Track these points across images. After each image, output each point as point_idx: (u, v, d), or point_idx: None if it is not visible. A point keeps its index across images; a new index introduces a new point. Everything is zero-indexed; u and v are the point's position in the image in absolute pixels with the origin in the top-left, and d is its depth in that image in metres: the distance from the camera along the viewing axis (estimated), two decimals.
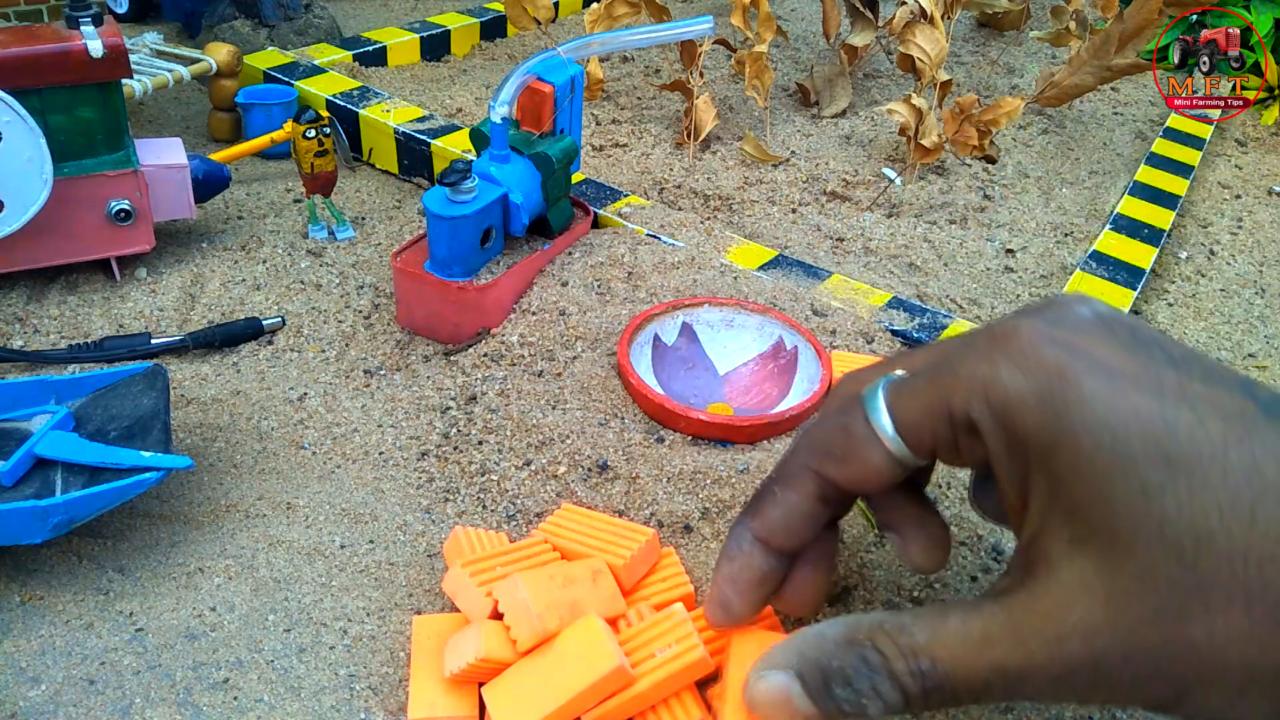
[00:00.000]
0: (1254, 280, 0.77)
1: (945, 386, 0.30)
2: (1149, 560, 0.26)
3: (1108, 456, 0.26)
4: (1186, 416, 0.26)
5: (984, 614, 0.28)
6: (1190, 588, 0.25)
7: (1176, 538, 0.25)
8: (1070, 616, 0.27)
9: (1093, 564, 0.26)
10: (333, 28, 1.05)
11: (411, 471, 0.50)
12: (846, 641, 0.30)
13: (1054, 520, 0.27)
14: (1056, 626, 0.27)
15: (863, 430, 0.32)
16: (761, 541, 0.34)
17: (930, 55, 0.85)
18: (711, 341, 0.58)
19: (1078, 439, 0.26)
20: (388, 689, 0.38)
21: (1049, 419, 0.27)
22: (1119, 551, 0.26)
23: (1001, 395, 0.28)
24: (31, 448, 0.43)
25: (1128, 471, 0.26)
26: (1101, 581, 0.26)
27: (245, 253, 0.67)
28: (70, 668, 0.38)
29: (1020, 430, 0.28)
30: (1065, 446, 0.27)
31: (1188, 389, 0.27)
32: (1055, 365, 0.27)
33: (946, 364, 0.30)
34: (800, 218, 0.79)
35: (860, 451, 0.32)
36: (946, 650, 0.28)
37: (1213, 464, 0.25)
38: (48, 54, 0.55)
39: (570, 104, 0.63)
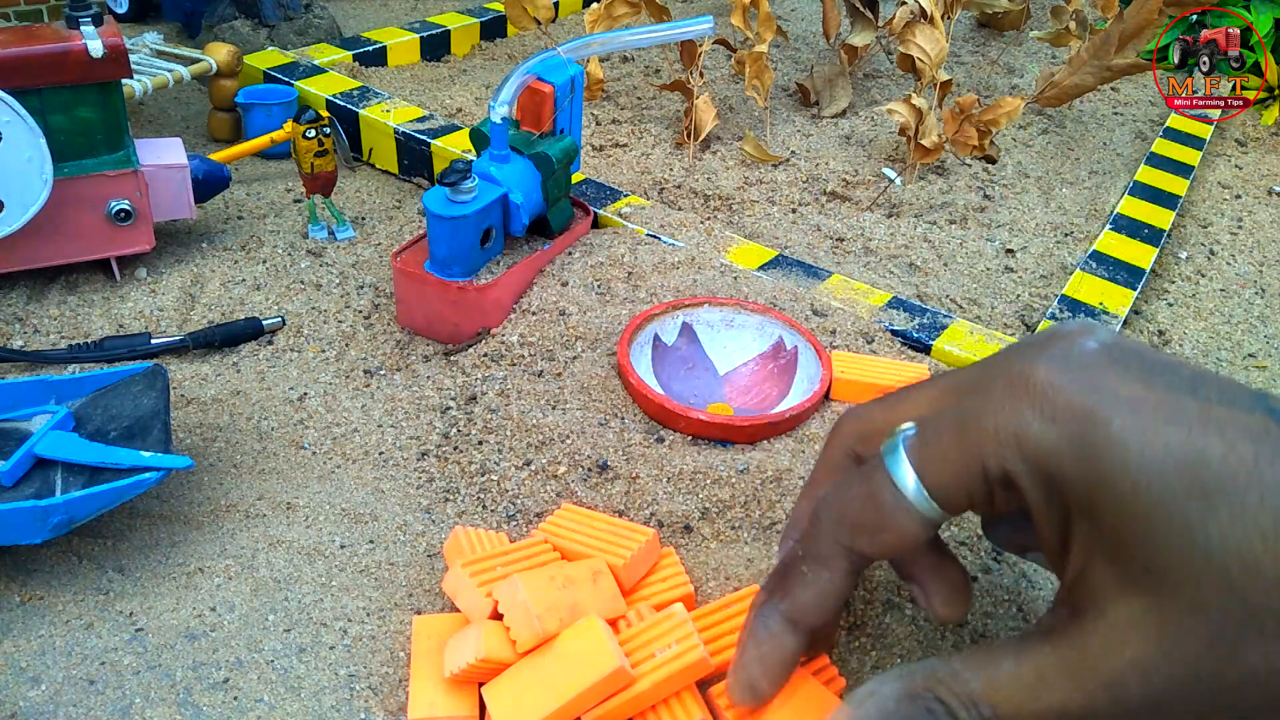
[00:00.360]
0: (1254, 280, 0.77)
1: (974, 445, 0.29)
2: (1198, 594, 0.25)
3: (1146, 496, 0.26)
4: (1216, 443, 0.26)
5: (1036, 656, 0.28)
6: (1242, 616, 0.25)
7: (1223, 568, 0.25)
8: (1125, 655, 0.27)
9: (1142, 602, 0.26)
10: (333, 28, 1.05)
11: (411, 471, 0.50)
12: (907, 697, 0.30)
13: (1099, 562, 0.27)
14: (1113, 666, 0.27)
15: (891, 499, 0.31)
16: (792, 623, 0.34)
17: (930, 55, 0.85)
18: (711, 341, 0.58)
19: (1116, 481, 0.26)
20: (388, 689, 0.38)
21: (1085, 466, 0.27)
22: (1167, 588, 0.26)
23: (1035, 448, 0.28)
24: (31, 448, 0.43)
25: (1168, 508, 0.26)
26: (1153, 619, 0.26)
27: (245, 253, 0.67)
28: (70, 668, 0.38)
29: (1059, 480, 0.27)
30: (1104, 491, 0.27)
31: (1210, 414, 0.26)
32: (1081, 409, 0.27)
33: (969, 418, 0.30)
34: (800, 218, 0.79)
35: (892, 522, 0.31)
36: (1003, 695, 0.28)
37: (1249, 488, 0.25)
38: (48, 54, 0.55)
39: (570, 104, 0.63)
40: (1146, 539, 0.26)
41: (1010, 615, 0.43)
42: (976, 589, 0.44)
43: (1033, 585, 0.44)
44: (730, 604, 0.39)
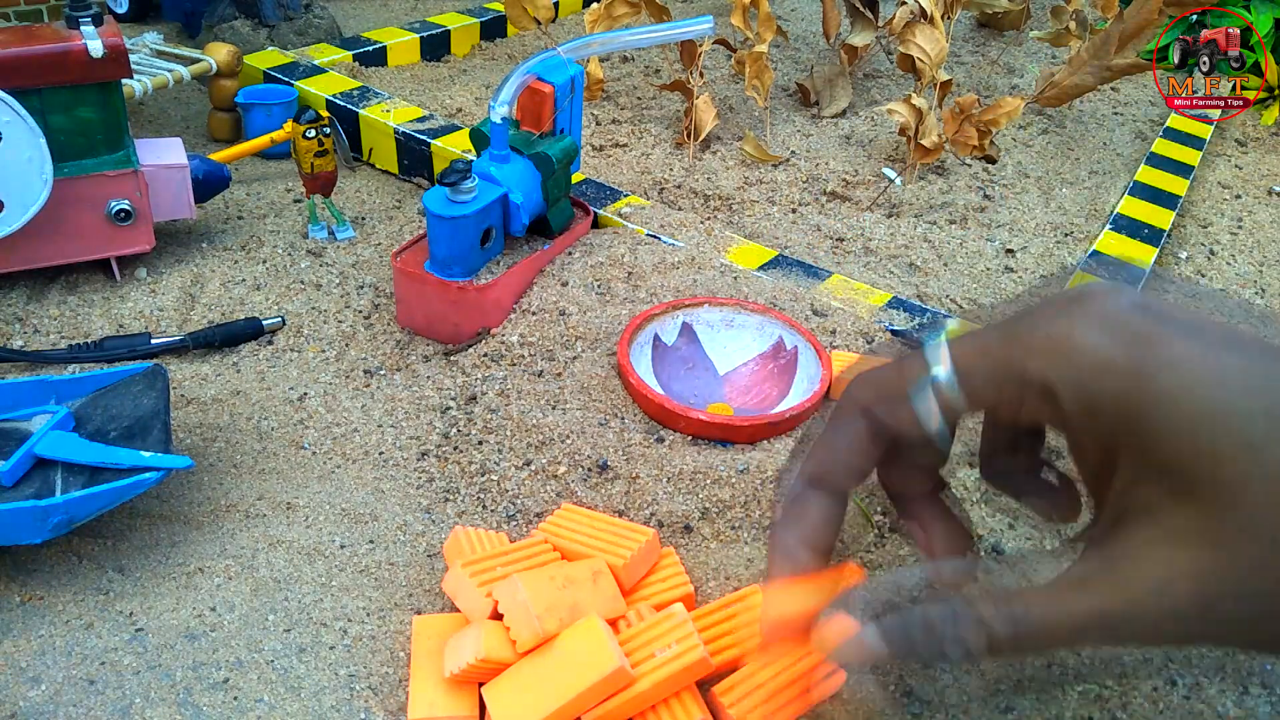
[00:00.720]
0: (1254, 280, 0.77)
1: (1021, 347, 0.29)
2: (1257, 508, 0.26)
3: (1207, 414, 0.26)
4: (1276, 370, 0.26)
5: (1080, 560, 0.29)
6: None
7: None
8: (1178, 561, 0.27)
9: (1198, 511, 0.26)
10: (333, 28, 1.05)
11: (411, 471, 0.50)
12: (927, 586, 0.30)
13: (1149, 474, 0.27)
14: (1164, 571, 0.27)
15: (919, 376, 0.31)
16: (819, 484, 0.34)
17: (930, 55, 0.85)
18: (711, 341, 0.58)
19: (1176, 400, 0.26)
20: (388, 689, 0.38)
21: (1141, 383, 0.27)
22: (1225, 501, 0.26)
23: (1089, 360, 0.27)
24: (31, 448, 0.43)
25: (1231, 427, 0.26)
26: (1210, 528, 0.26)
27: (245, 253, 0.67)
28: (70, 668, 0.38)
29: (1108, 395, 0.27)
30: (1162, 409, 0.26)
31: (1270, 346, 0.27)
32: (1142, 329, 0.27)
33: (1020, 324, 0.29)
34: (800, 218, 0.79)
35: (915, 397, 0.31)
36: (1039, 595, 0.28)
37: None
38: (48, 54, 0.55)
39: (570, 104, 0.63)
40: (1206, 455, 0.26)
41: None
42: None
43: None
44: (730, 604, 0.39)
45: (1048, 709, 0.39)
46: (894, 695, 0.39)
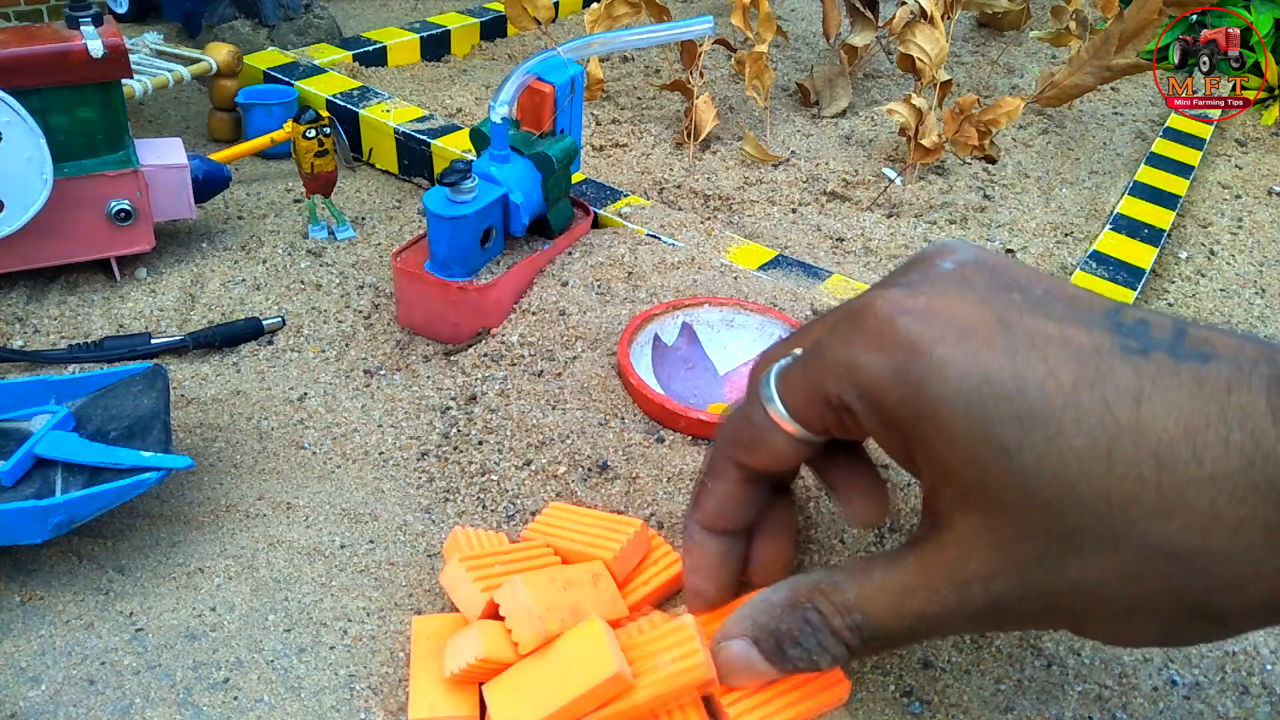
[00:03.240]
0: (1254, 280, 0.77)
1: (817, 373, 0.31)
2: (1022, 513, 0.27)
3: (965, 422, 0.27)
4: (1037, 368, 0.27)
5: (902, 567, 0.31)
6: (1063, 534, 0.26)
7: (1041, 490, 0.26)
8: (969, 565, 0.29)
9: (980, 518, 0.28)
10: (333, 28, 1.05)
11: (411, 471, 0.50)
12: (789, 605, 0.33)
13: (940, 481, 0.29)
14: (960, 574, 0.29)
15: (761, 419, 0.33)
16: (707, 529, 0.37)
17: (930, 55, 0.85)
18: (711, 341, 0.58)
19: (937, 409, 0.27)
20: (388, 689, 0.38)
21: (908, 394, 0.28)
22: (995, 507, 0.28)
23: (864, 378, 0.29)
24: (31, 448, 0.43)
25: (986, 434, 0.27)
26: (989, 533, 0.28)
27: (245, 253, 0.67)
28: (70, 668, 0.38)
29: (887, 408, 0.29)
30: (927, 418, 0.28)
31: (1041, 334, 0.27)
32: (907, 339, 0.28)
33: (816, 348, 0.31)
34: (800, 218, 0.79)
35: (764, 440, 0.34)
36: (874, 604, 0.31)
37: (1065, 413, 0.26)
38: (48, 54, 0.55)
39: (570, 104, 0.63)
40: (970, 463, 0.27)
41: None
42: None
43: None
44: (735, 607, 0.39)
45: (1048, 709, 0.39)
46: (894, 695, 0.39)
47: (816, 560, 0.44)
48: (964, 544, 0.29)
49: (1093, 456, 0.25)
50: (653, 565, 0.42)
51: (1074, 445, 0.26)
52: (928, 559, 0.30)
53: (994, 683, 0.40)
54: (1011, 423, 0.26)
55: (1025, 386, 0.26)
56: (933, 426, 0.28)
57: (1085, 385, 0.26)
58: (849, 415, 0.31)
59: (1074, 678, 0.41)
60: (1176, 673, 0.41)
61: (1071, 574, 0.27)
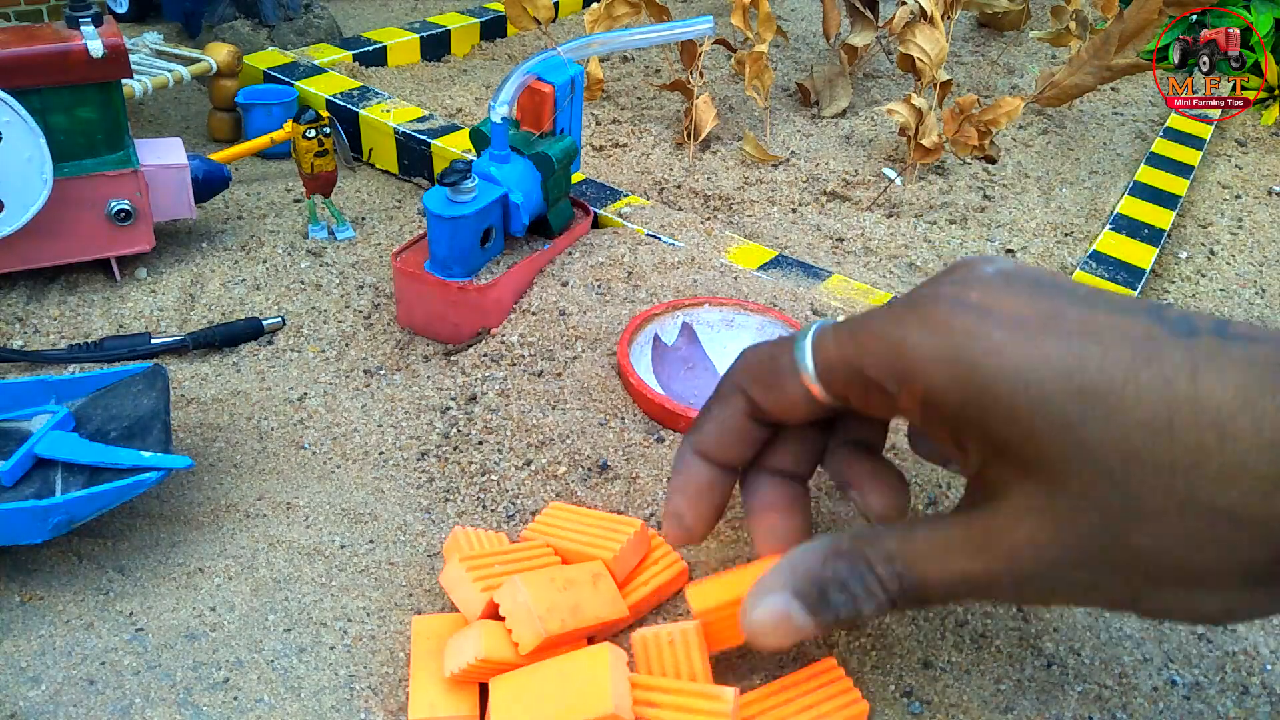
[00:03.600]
0: (1254, 280, 0.77)
1: (860, 344, 0.32)
2: (1084, 485, 0.28)
3: (1024, 400, 0.28)
4: (1094, 350, 0.28)
5: (946, 529, 0.31)
6: (1126, 503, 0.27)
7: (1104, 461, 0.27)
8: (1021, 532, 0.29)
9: (1035, 488, 0.29)
10: (333, 28, 1.05)
11: (411, 471, 0.50)
12: (832, 552, 0.33)
13: (992, 459, 0.30)
14: (1011, 541, 0.30)
15: (786, 364, 0.34)
16: (700, 454, 0.38)
17: (930, 55, 0.85)
18: (711, 341, 0.58)
19: (995, 388, 0.28)
20: (388, 689, 0.38)
21: (961, 374, 0.29)
22: (1055, 480, 0.28)
23: (911, 357, 0.30)
24: (31, 448, 0.43)
25: (1048, 411, 0.28)
26: (1046, 505, 0.29)
27: (245, 253, 0.67)
28: (70, 668, 0.38)
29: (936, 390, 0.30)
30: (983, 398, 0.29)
31: (1093, 323, 0.28)
32: (962, 325, 0.29)
33: (864, 320, 0.32)
34: (800, 218, 0.79)
35: (782, 384, 0.35)
36: (918, 557, 0.32)
37: (1125, 388, 0.27)
38: (48, 54, 0.55)
39: (570, 104, 0.63)
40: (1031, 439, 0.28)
41: (1010, 615, 0.43)
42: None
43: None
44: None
45: (1048, 709, 0.39)
46: (894, 695, 0.39)
47: None
48: (1019, 513, 0.29)
49: (1154, 428, 0.26)
50: (653, 565, 0.42)
51: (1136, 417, 0.26)
52: (976, 524, 0.31)
53: (994, 683, 0.40)
54: (1072, 398, 0.27)
55: (1084, 365, 0.27)
56: (989, 405, 0.29)
57: (1142, 363, 0.27)
58: (879, 394, 0.32)
59: (1074, 678, 0.41)
60: (1176, 673, 0.41)
61: (1134, 542, 0.27)
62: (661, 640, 0.37)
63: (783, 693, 0.37)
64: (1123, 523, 0.27)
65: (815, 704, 0.36)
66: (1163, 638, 0.43)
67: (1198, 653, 0.43)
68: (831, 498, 0.47)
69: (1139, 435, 0.26)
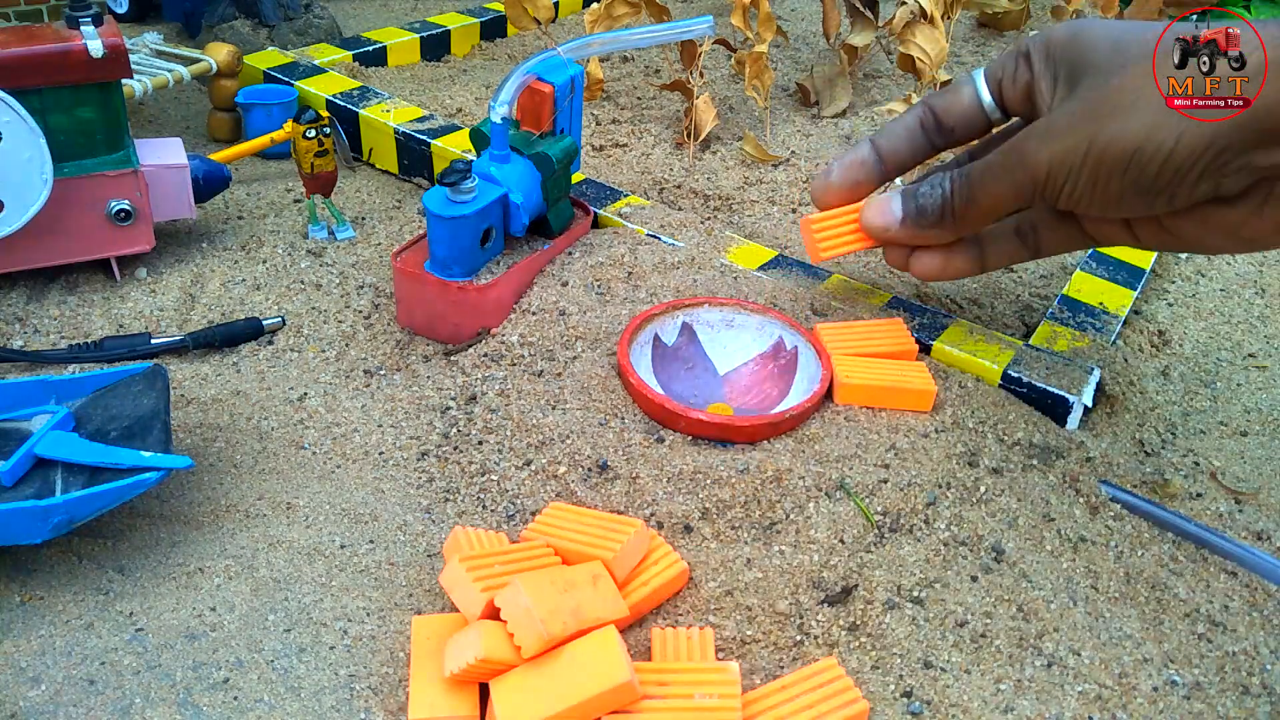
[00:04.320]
0: (1254, 280, 0.77)
1: (1019, 44, 0.50)
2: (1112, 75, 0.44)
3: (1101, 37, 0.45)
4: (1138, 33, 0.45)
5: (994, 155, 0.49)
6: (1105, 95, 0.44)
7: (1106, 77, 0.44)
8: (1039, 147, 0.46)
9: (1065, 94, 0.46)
10: (333, 28, 1.05)
11: (411, 471, 0.50)
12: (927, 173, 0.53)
13: (1061, 88, 0.47)
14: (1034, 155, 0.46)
15: (963, 78, 0.53)
16: (873, 142, 0.55)
17: (930, 55, 0.85)
18: (711, 341, 0.58)
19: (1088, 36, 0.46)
20: (388, 689, 0.38)
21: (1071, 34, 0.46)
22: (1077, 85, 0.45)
23: (1050, 34, 0.48)
24: (31, 448, 0.43)
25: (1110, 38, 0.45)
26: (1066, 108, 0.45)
27: (245, 253, 0.67)
28: (70, 668, 0.38)
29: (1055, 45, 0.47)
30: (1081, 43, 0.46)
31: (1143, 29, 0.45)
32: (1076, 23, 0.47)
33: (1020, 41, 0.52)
34: (800, 217, 0.79)
35: (957, 89, 0.53)
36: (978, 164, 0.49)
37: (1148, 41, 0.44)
38: (48, 54, 0.55)
39: (570, 104, 0.63)
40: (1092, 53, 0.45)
41: (1010, 615, 0.43)
42: (976, 588, 0.44)
43: (1033, 585, 0.44)
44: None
45: (1048, 709, 0.39)
46: (894, 695, 0.39)
47: (815, 559, 0.44)
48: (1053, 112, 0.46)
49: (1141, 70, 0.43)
50: (653, 565, 0.42)
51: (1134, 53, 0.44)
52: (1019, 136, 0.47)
53: (994, 683, 0.40)
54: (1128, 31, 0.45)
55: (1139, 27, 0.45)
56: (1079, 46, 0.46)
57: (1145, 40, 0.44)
58: (1025, 62, 0.49)
59: (1074, 678, 0.41)
60: (1176, 673, 0.41)
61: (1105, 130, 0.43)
62: (680, 637, 0.39)
63: (783, 692, 0.37)
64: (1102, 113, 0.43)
65: (815, 704, 0.36)
66: (1163, 638, 0.43)
67: (1198, 653, 0.43)
68: (832, 497, 0.47)
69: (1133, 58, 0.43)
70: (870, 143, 0.55)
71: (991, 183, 0.48)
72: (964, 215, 0.50)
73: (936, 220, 0.51)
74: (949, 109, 0.53)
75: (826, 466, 0.48)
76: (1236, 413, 0.60)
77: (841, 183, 0.55)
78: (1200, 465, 0.55)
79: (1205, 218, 0.45)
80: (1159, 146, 0.42)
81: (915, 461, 0.49)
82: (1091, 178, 0.44)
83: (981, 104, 0.52)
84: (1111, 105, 0.43)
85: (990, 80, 0.51)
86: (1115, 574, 0.46)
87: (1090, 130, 0.43)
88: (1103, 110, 0.43)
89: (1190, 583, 0.46)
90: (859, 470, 0.48)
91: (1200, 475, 0.54)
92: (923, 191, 0.52)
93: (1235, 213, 0.44)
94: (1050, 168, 0.45)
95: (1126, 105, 0.42)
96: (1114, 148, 0.43)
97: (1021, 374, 0.55)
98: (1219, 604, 0.45)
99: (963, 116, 0.52)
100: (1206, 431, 0.58)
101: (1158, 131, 0.42)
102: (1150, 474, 0.53)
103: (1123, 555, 0.47)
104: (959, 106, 0.52)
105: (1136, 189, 0.43)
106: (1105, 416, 0.57)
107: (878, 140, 0.55)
